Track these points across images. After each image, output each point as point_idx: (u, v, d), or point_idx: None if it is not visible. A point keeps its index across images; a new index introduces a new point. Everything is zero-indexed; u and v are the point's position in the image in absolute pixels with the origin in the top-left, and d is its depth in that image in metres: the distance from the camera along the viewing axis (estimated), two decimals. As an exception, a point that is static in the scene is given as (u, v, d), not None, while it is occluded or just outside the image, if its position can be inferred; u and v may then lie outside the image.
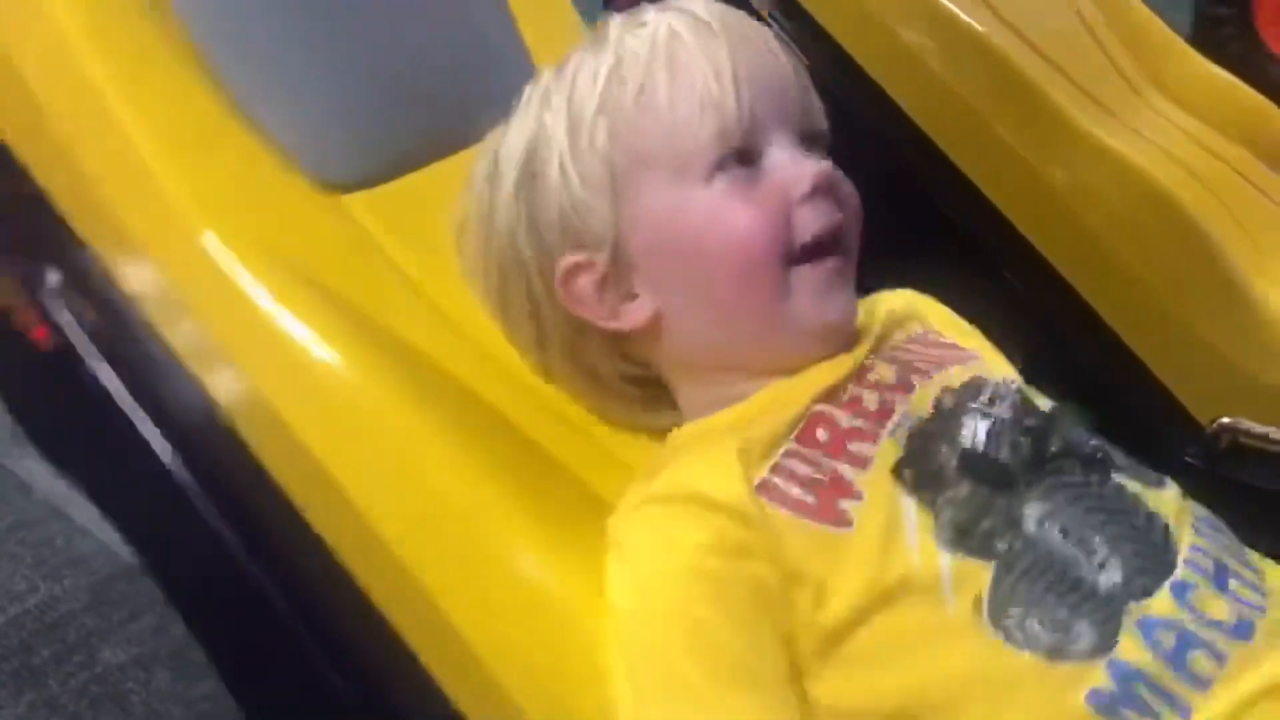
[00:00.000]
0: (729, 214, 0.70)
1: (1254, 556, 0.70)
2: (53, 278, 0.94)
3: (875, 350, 0.75)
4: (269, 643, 0.92)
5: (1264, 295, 1.41)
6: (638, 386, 0.79)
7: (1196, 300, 1.41)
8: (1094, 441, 0.71)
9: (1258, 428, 1.37)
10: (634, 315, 0.74)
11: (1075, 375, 1.45)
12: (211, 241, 0.83)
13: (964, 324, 0.84)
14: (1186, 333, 1.41)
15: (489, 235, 0.77)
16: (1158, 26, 1.68)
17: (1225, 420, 1.38)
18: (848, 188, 0.74)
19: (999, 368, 0.78)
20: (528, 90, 0.76)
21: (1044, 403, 0.73)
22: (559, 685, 0.70)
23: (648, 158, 0.71)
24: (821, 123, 0.75)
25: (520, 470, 0.78)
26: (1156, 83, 1.62)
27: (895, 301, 0.82)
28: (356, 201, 0.91)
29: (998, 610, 0.62)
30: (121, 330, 0.90)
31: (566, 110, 0.72)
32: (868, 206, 1.56)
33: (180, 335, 0.87)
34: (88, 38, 0.87)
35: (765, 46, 0.73)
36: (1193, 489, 1.34)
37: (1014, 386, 0.72)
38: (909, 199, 1.50)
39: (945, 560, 0.64)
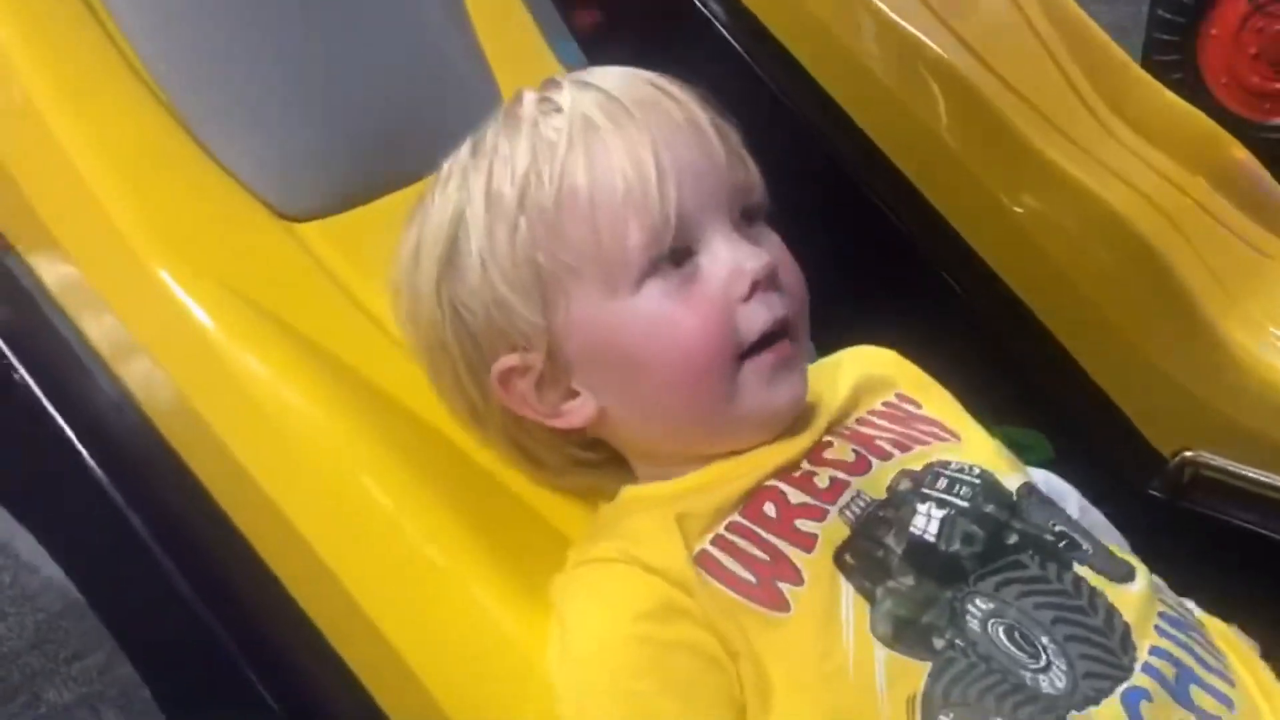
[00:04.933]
0: (668, 324, 0.66)
1: (1226, 653, 0.68)
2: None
3: (836, 424, 0.72)
4: (218, 681, 0.90)
5: (1225, 328, 1.41)
6: (588, 466, 0.76)
7: (1158, 333, 1.42)
8: (1058, 528, 0.68)
9: (1220, 461, 1.37)
10: (577, 414, 0.71)
11: (1038, 406, 1.45)
12: (162, 270, 0.81)
13: (945, 394, 0.80)
14: (1148, 365, 1.41)
15: (415, 324, 0.73)
16: (1117, 54, 1.69)
17: (1188, 453, 1.39)
18: (792, 273, 0.70)
19: (972, 447, 0.73)
20: (447, 164, 0.72)
21: (1012, 484, 0.70)
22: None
23: (574, 266, 0.66)
24: (757, 195, 0.70)
25: (476, 502, 0.76)
26: (1119, 112, 1.62)
27: (871, 364, 0.79)
28: (312, 230, 0.89)
29: (931, 713, 0.60)
30: (65, 360, 0.87)
31: (484, 203, 0.68)
32: (831, 236, 1.56)
33: (129, 366, 0.85)
34: (35, 63, 0.85)
35: (689, 124, 0.68)
36: (1155, 521, 1.36)
37: (977, 471, 0.69)
38: (872, 228, 1.50)
39: (880, 655, 0.61)
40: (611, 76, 0.70)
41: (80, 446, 0.88)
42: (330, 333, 0.82)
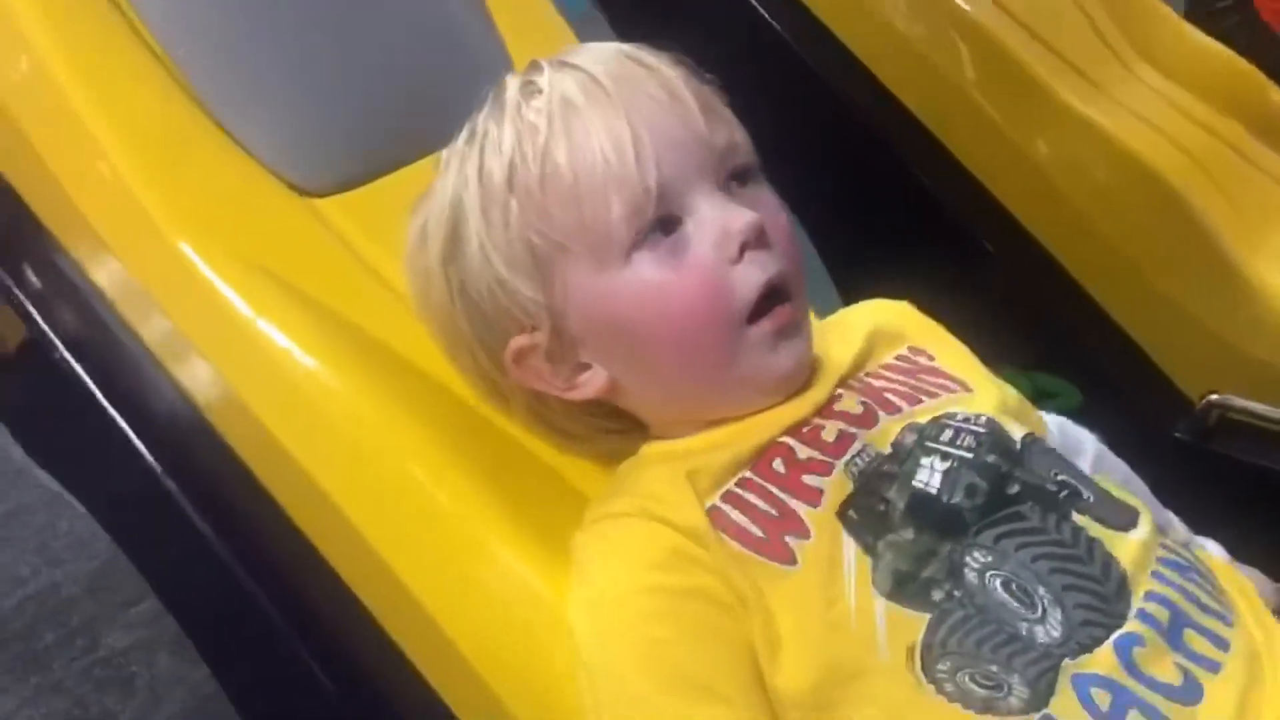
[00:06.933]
0: (658, 293, 0.68)
1: (1228, 595, 0.68)
2: (25, 277, 0.95)
3: (847, 378, 0.73)
4: (258, 642, 0.93)
5: (1252, 269, 1.40)
6: (611, 433, 0.76)
7: (1184, 275, 1.41)
8: (1060, 477, 0.69)
9: (1246, 403, 1.37)
10: (591, 385, 0.72)
11: (1064, 353, 1.46)
12: (187, 249, 0.83)
13: (957, 344, 0.80)
14: (1174, 308, 1.40)
15: (428, 308, 0.75)
16: (1147, -2, 1.67)
17: (1214, 396, 1.38)
18: (784, 230, 0.70)
19: (981, 399, 0.73)
20: (447, 152, 0.73)
21: (1017, 433, 0.71)
22: (541, 680, 0.71)
23: (563, 243, 0.68)
24: (744, 157, 0.71)
25: (499, 466, 0.78)
26: (1146, 55, 1.59)
27: (884, 316, 0.80)
28: (331, 205, 0.91)
29: (930, 662, 0.62)
30: (99, 336, 0.90)
31: (478, 187, 0.70)
32: (852, 189, 1.56)
33: (160, 344, 0.88)
34: (56, 47, 0.87)
35: (667, 96, 0.69)
36: (1182, 465, 1.36)
37: (983, 420, 0.70)
38: (892, 178, 1.50)
39: (880, 607, 0.63)
40: (590, 55, 0.71)
41: (121, 420, 0.91)
42: (352, 304, 0.84)
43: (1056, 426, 0.83)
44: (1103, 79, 1.52)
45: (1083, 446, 0.83)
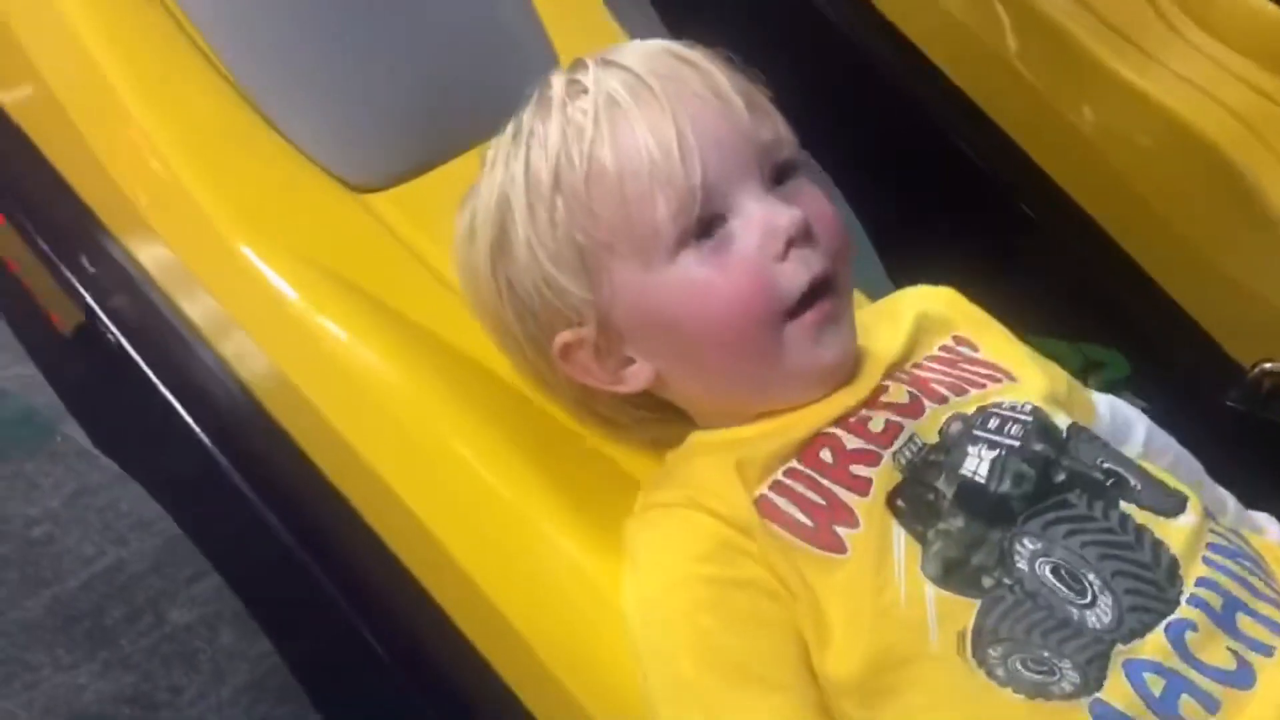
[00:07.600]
0: (703, 291, 0.68)
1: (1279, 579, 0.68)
2: (82, 267, 0.97)
3: (894, 368, 0.74)
4: (317, 616, 0.96)
5: (1306, 234, 1.38)
6: (656, 422, 0.77)
7: (1235, 241, 1.39)
8: (1107, 465, 0.69)
9: (1300, 371, 1.35)
10: (636, 379, 0.73)
11: (1112, 322, 1.45)
12: (245, 246, 0.85)
13: (1002, 331, 0.80)
14: (1225, 274, 1.39)
15: (477, 301, 0.76)
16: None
17: (1267, 364, 1.36)
18: (830, 224, 0.70)
19: (1027, 388, 0.74)
20: (492, 149, 0.74)
21: (1062, 422, 0.71)
22: (592, 653, 0.73)
23: (609, 242, 0.69)
24: (788, 151, 0.71)
25: (551, 450, 0.80)
26: (1196, 18, 1.56)
27: (929, 304, 0.80)
28: (382, 200, 0.92)
29: (981, 648, 0.63)
30: (156, 325, 0.92)
31: (525, 185, 0.70)
32: (901, 165, 1.55)
33: (221, 336, 0.90)
34: (108, 47, 0.89)
35: (713, 94, 0.69)
36: (1234, 434, 1.35)
37: (1028, 408, 0.70)
38: (936, 148, 1.49)
39: (930, 594, 0.64)
40: (635, 53, 0.71)
41: (181, 409, 0.94)
42: (405, 297, 0.86)
43: (1107, 406, 0.83)
44: (1149, 43, 1.49)
45: (1132, 426, 0.83)
